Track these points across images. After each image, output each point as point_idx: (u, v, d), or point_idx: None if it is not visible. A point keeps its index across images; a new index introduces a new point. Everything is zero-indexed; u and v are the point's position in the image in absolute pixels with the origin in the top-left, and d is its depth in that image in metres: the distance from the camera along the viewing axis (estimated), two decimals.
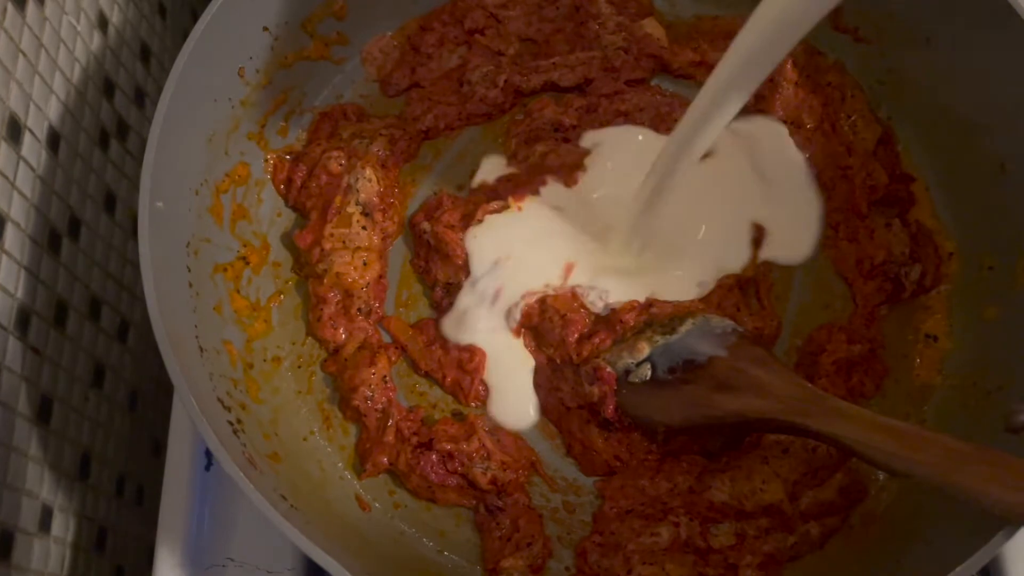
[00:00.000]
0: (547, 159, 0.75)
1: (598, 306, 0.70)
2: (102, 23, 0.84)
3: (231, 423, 0.61)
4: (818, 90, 0.79)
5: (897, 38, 0.77)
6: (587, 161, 0.76)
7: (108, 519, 0.83)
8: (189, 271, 0.66)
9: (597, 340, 0.68)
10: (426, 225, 0.73)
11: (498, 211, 0.73)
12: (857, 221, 0.75)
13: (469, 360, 0.70)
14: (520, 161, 0.77)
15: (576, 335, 0.68)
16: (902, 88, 0.78)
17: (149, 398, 0.91)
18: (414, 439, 0.68)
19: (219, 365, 0.66)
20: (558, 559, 0.68)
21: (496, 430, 0.70)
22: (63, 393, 0.75)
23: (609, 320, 0.69)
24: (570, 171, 0.75)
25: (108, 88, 0.85)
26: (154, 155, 0.62)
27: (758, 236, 0.75)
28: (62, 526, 0.75)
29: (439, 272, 0.73)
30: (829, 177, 0.77)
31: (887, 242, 0.74)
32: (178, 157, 0.66)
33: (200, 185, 0.70)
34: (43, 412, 0.72)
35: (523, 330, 0.71)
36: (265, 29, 0.74)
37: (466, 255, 0.72)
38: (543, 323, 0.69)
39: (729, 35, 0.79)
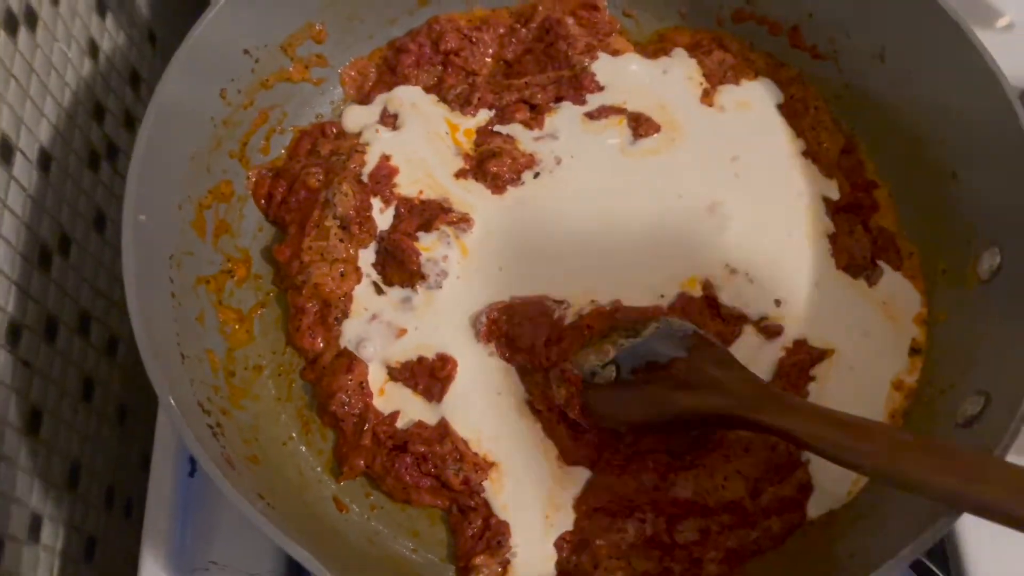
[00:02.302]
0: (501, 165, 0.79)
1: (561, 312, 0.72)
2: (92, 50, 0.88)
3: (211, 426, 0.64)
4: (783, 102, 0.83)
5: (852, 54, 0.80)
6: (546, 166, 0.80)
7: (97, 530, 0.85)
8: (172, 282, 0.69)
9: (565, 344, 0.70)
10: (384, 232, 0.76)
11: (455, 222, 0.76)
12: None
13: (441, 368, 0.72)
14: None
15: (544, 339, 0.71)
16: (860, 101, 0.81)
17: (138, 413, 0.94)
18: (389, 442, 0.70)
19: (200, 372, 0.68)
20: None
21: None
22: (53, 405, 0.77)
23: (576, 325, 0.71)
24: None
25: (98, 112, 0.88)
26: (138, 171, 0.65)
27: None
28: (51, 535, 0.77)
29: (395, 278, 0.75)
30: None
31: (849, 246, 0.76)
32: (162, 174, 0.69)
33: (183, 200, 0.72)
34: (33, 423, 0.74)
35: (492, 338, 0.73)
36: (246, 52, 0.77)
37: (420, 262, 0.74)
38: (512, 329, 0.72)
39: (693, 47, 0.84)
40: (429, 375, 0.72)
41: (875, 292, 0.75)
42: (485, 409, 0.72)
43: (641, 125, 0.81)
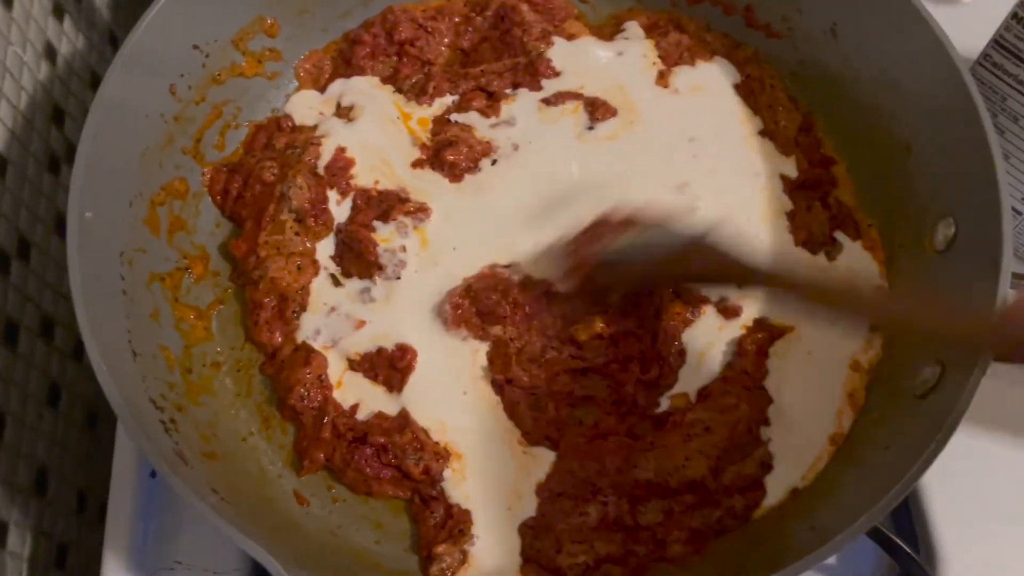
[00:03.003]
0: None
1: (512, 275, 0.73)
2: (50, 53, 0.87)
3: (163, 422, 0.63)
4: (739, 82, 0.83)
5: (805, 31, 0.80)
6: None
7: (68, 536, 0.84)
8: (123, 279, 0.68)
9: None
10: (341, 224, 0.76)
11: (412, 212, 0.75)
12: None
13: (401, 358, 0.72)
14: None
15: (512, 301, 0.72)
16: (815, 78, 0.80)
17: (109, 417, 0.92)
18: (349, 434, 0.70)
19: (154, 368, 0.68)
20: None
21: None
22: (16, 410, 0.77)
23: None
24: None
25: (57, 115, 0.87)
26: (84, 168, 0.65)
27: None
28: (18, 541, 0.76)
29: (353, 269, 0.75)
30: None
31: (807, 223, 0.76)
32: (109, 171, 0.68)
33: (134, 197, 0.72)
34: None
35: (460, 322, 0.73)
36: (195, 47, 0.77)
37: (378, 253, 0.74)
38: (481, 304, 0.72)
39: (651, 28, 0.84)
40: (389, 366, 0.72)
41: (834, 267, 0.74)
42: (445, 398, 0.71)
43: (598, 110, 0.80)
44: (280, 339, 0.74)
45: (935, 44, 0.68)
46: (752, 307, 0.73)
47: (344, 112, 0.82)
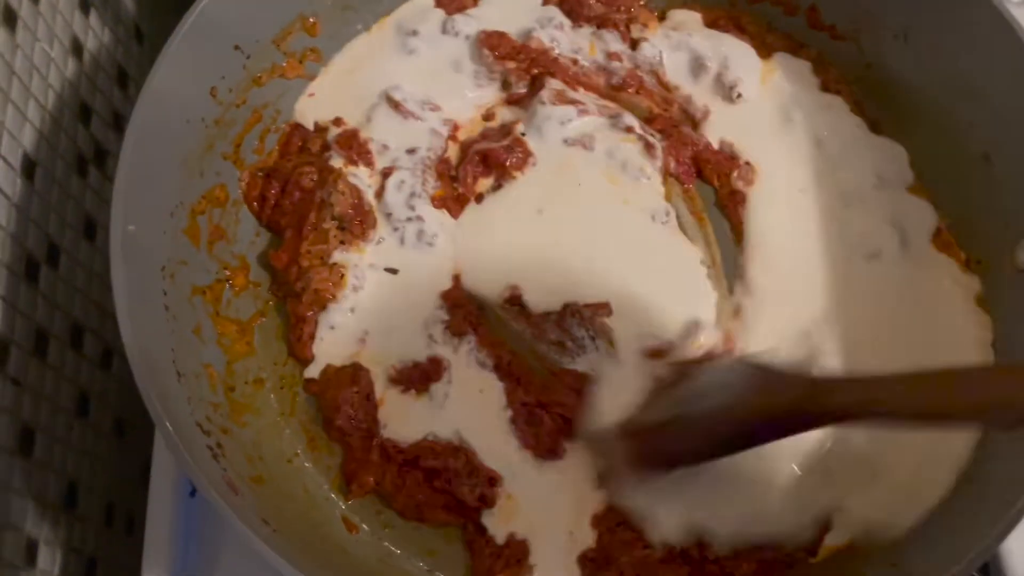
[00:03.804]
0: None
1: None
2: (76, 49, 0.84)
3: (211, 448, 0.61)
4: None
5: (874, 34, 0.76)
6: None
7: (97, 550, 0.82)
8: (165, 295, 0.65)
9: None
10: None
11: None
12: None
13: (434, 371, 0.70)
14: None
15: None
16: (883, 83, 0.77)
17: (136, 425, 0.90)
18: (399, 457, 0.67)
19: (198, 389, 0.65)
20: None
21: None
22: (46, 423, 0.74)
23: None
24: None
25: (85, 113, 0.84)
26: (126, 178, 0.62)
27: None
28: (48, 559, 0.74)
29: None
30: None
31: None
32: (151, 180, 0.66)
33: (175, 207, 0.69)
34: (25, 443, 0.71)
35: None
36: (236, 48, 0.74)
37: None
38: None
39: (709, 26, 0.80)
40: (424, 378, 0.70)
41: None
42: (493, 421, 0.68)
43: None
44: None
45: (1020, 51, 0.64)
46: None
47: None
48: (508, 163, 0.75)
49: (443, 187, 0.77)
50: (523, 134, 0.77)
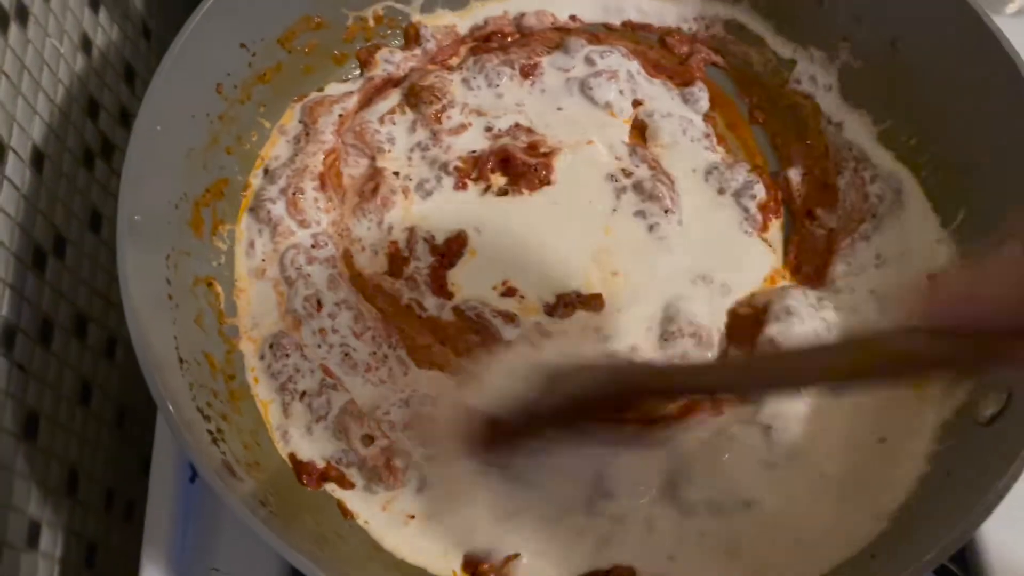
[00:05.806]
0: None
1: None
2: (86, 45, 0.86)
3: (211, 432, 0.62)
4: None
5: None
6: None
7: (97, 535, 0.83)
8: (169, 283, 0.67)
9: None
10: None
11: None
12: None
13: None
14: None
15: None
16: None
17: (137, 415, 0.92)
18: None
19: (200, 376, 0.66)
20: None
21: None
22: (49, 410, 0.76)
23: None
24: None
25: (92, 108, 0.86)
26: (132, 169, 0.64)
27: None
28: (50, 541, 0.75)
29: None
30: None
31: None
32: (157, 172, 0.67)
33: (180, 199, 0.71)
34: (29, 428, 0.72)
35: None
36: (242, 46, 0.75)
37: None
38: None
39: None
40: None
41: None
42: None
43: None
44: None
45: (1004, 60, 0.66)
46: None
47: None
48: (523, 177, 0.77)
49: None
50: None
